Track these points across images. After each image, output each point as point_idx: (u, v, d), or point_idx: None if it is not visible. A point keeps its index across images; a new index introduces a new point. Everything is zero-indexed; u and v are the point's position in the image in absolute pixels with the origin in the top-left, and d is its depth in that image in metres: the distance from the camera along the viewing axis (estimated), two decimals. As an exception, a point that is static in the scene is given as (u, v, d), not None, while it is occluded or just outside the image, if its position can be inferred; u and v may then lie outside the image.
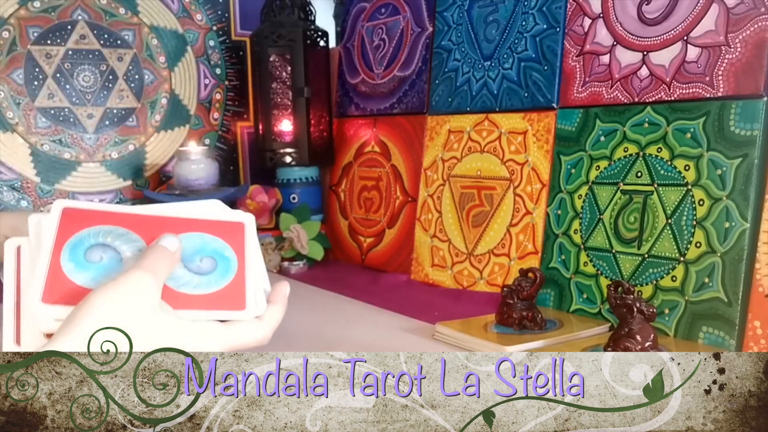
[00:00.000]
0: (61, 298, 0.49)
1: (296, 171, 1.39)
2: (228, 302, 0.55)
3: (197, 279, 0.54)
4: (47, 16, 1.29)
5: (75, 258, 0.51)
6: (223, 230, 0.57)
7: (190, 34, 1.43)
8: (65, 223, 0.52)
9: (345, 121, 1.42)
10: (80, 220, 0.53)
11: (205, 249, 0.56)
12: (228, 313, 0.55)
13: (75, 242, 0.51)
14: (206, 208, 0.59)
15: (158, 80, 1.40)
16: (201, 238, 0.56)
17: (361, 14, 1.39)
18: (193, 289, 0.54)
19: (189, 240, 0.56)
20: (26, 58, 1.28)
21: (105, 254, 0.52)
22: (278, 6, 1.36)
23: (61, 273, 0.50)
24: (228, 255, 0.57)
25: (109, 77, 1.35)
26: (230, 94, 1.49)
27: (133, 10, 1.37)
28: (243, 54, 1.50)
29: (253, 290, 0.56)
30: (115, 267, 0.52)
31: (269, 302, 0.58)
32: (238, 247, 0.57)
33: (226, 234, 0.57)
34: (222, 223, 0.58)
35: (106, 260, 0.52)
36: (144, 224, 0.55)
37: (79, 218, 0.53)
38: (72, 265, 0.50)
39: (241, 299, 0.55)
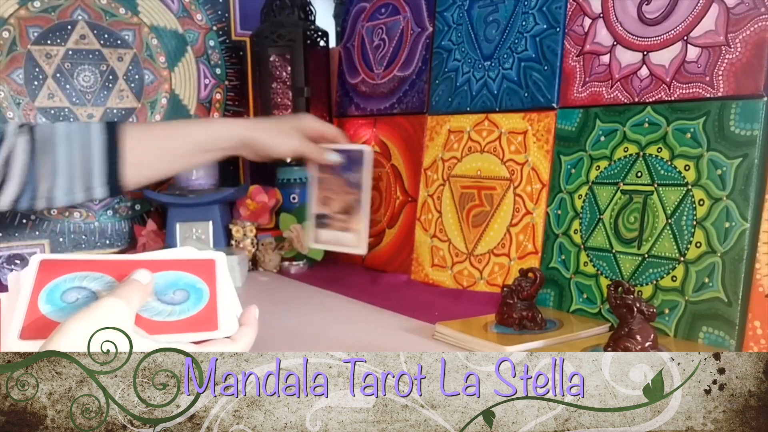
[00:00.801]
0: (38, 333, 0.51)
1: (296, 171, 1.39)
2: (201, 325, 0.57)
3: (170, 308, 0.57)
4: (47, 16, 1.29)
5: (51, 301, 0.53)
6: (195, 267, 0.61)
7: (190, 34, 1.43)
8: (42, 273, 0.54)
9: (345, 121, 1.42)
10: (56, 269, 0.55)
11: (178, 283, 0.59)
12: (201, 334, 0.57)
13: (52, 287, 0.54)
14: (179, 252, 0.62)
15: (158, 80, 1.40)
16: (174, 275, 0.59)
17: (361, 14, 1.39)
18: (167, 316, 0.56)
19: (163, 277, 0.59)
20: (26, 58, 1.28)
21: (80, 295, 0.54)
22: (278, 6, 1.36)
23: (38, 314, 0.52)
24: (200, 287, 0.60)
25: (109, 77, 1.35)
26: (230, 94, 1.49)
27: (133, 10, 1.37)
28: (243, 54, 1.50)
29: (225, 314, 0.59)
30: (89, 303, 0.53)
31: (240, 324, 0.60)
32: (209, 279, 0.60)
33: (198, 270, 0.61)
34: (194, 261, 0.61)
35: (81, 300, 0.54)
36: (118, 268, 0.57)
37: (56, 268, 0.55)
38: (49, 307, 0.53)
39: (213, 322, 0.58)
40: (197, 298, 0.59)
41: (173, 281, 0.59)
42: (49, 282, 0.54)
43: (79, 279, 0.56)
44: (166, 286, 0.58)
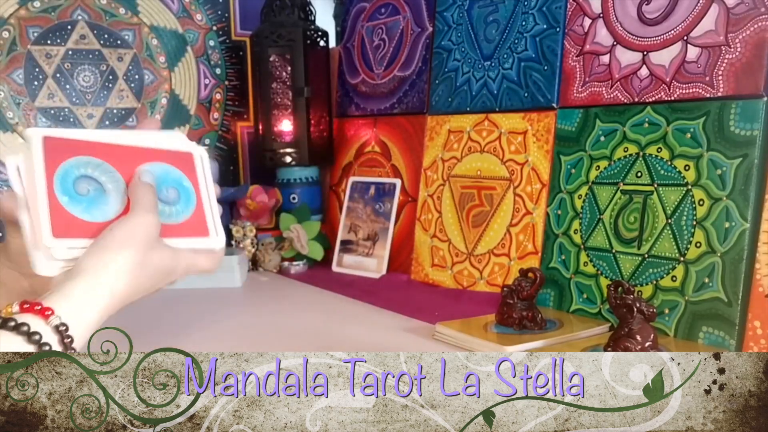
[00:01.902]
0: (68, 231, 0.54)
1: (296, 171, 1.39)
2: (194, 230, 0.61)
3: (168, 209, 0.60)
4: (47, 16, 1.29)
5: (66, 191, 0.55)
6: (177, 160, 0.63)
7: (190, 34, 1.43)
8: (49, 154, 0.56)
9: (345, 121, 1.42)
10: (61, 150, 0.57)
11: (168, 179, 0.61)
12: (195, 239, 0.60)
13: (62, 174, 0.56)
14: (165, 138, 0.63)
15: (158, 80, 1.40)
16: (162, 169, 0.61)
17: (361, 14, 1.39)
18: (166, 218, 0.59)
19: (152, 169, 0.61)
20: (26, 58, 1.28)
21: (90, 186, 0.56)
22: (278, 6, 1.36)
23: (60, 207, 0.54)
24: (186, 185, 0.62)
25: (109, 77, 1.35)
26: (230, 94, 1.49)
27: (133, 10, 1.37)
28: (243, 54, 1.50)
29: (211, 219, 0.62)
30: (102, 198, 0.57)
31: None
32: (192, 177, 0.63)
33: (181, 164, 0.63)
34: (175, 153, 0.63)
35: (92, 192, 0.56)
36: (115, 154, 0.59)
37: (60, 148, 0.57)
38: (66, 198, 0.55)
39: (204, 227, 0.61)
40: (186, 199, 0.61)
41: (163, 176, 0.61)
42: (59, 166, 0.56)
43: (84, 166, 0.57)
44: (159, 181, 0.60)
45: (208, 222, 0.62)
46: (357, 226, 1.29)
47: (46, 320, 0.47)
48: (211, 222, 0.62)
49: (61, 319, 0.47)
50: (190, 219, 0.61)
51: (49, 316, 0.47)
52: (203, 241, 0.61)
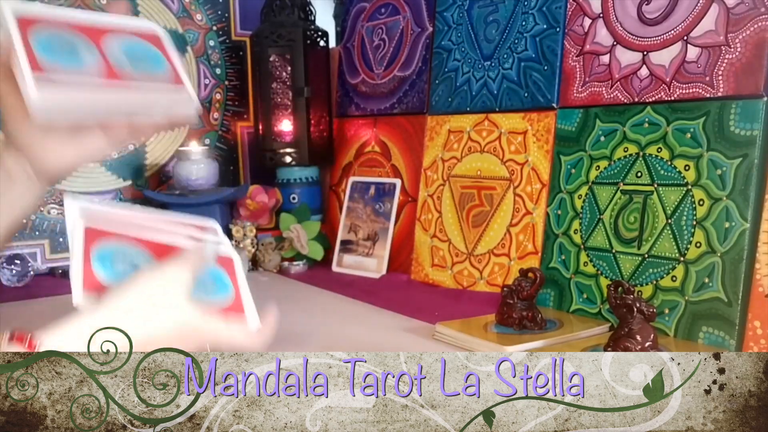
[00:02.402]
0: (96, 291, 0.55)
1: (296, 171, 1.39)
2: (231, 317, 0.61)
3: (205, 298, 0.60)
4: (47, 16, 1.29)
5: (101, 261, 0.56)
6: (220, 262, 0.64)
7: (190, 34, 1.43)
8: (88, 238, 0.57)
9: (345, 121, 1.42)
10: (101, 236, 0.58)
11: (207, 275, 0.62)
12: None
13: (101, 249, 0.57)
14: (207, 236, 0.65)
15: (158, 80, 1.40)
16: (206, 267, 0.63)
17: (361, 14, 1.39)
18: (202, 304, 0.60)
19: None
20: (26, 58, 1.28)
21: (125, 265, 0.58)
22: (278, 6, 1.36)
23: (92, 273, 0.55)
24: (225, 281, 0.63)
25: (109, 77, 1.35)
26: (230, 94, 1.49)
27: (133, 10, 1.37)
28: (243, 54, 1.50)
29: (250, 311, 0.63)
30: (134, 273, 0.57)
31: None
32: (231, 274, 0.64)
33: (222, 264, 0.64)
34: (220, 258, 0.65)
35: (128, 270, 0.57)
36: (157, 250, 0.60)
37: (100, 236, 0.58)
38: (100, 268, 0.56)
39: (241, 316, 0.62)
40: (225, 292, 0.62)
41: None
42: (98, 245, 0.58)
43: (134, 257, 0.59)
44: None
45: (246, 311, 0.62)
46: (357, 226, 1.29)
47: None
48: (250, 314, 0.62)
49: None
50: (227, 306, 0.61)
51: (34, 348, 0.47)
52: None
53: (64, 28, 0.59)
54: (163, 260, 0.59)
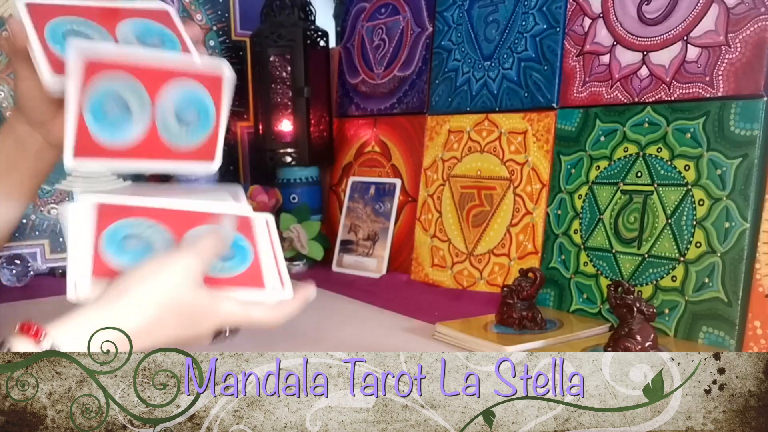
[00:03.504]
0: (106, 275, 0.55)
1: (296, 171, 1.39)
2: (248, 282, 0.60)
3: (221, 264, 0.60)
4: (47, 16, 1.29)
5: (111, 244, 0.56)
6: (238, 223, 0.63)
7: (190, 34, 1.43)
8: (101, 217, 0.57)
9: (345, 121, 1.42)
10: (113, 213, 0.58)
11: None
12: (250, 291, 0.60)
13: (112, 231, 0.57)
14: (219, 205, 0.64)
15: (158, 80, 1.40)
16: None
17: (361, 14, 1.39)
18: (218, 272, 0.59)
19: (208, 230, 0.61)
20: (26, 58, 1.28)
21: (138, 242, 0.57)
22: (278, 6, 1.36)
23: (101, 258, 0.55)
24: (243, 245, 0.62)
25: (109, 77, 1.35)
26: (230, 94, 1.49)
27: None
28: (243, 54, 1.50)
29: (270, 274, 0.62)
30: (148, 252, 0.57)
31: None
32: (250, 237, 0.63)
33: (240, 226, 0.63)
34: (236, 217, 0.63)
35: (139, 247, 0.57)
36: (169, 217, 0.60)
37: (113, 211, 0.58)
38: (111, 250, 0.56)
39: (259, 279, 0.61)
40: (242, 256, 0.61)
41: None
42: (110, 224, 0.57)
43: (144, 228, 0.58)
44: None
45: (264, 276, 0.61)
46: (357, 226, 1.29)
47: (37, 343, 0.47)
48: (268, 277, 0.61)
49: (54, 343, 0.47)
50: (244, 272, 0.60)
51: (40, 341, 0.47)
52: (257, 292, 0.60)
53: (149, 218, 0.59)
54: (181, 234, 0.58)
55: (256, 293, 0.60)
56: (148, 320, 0.51)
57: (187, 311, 0.53)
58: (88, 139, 0.56)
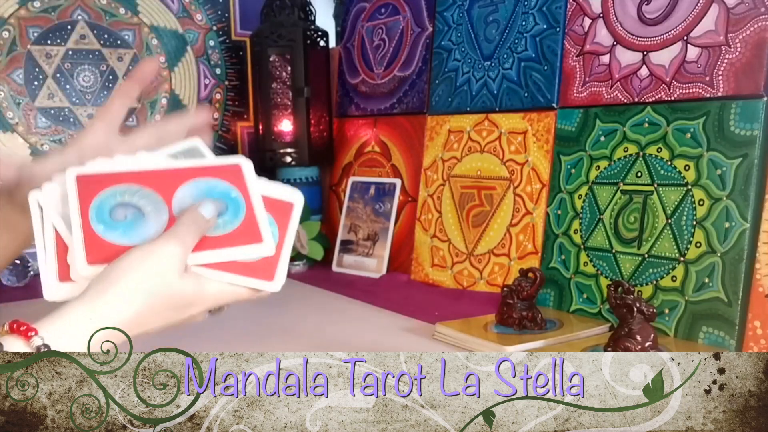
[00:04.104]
0: (103, 257, 0.53)
1: (296, 171, 1.39)
2: (245, 238, 0.58)
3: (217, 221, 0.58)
4: (47, 16, 1.29)
5: (102, 219, 0.55)
6: (224, 173, 0.61)
7: (190, 34, 1.43)
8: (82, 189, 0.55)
9: (345, 121, 1.42)
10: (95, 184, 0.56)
11: (213, 193, 0.59)
12: (248, 247, 0.58)
13: (98, 205, 0.55)
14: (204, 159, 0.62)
15: (158, 80, 1.40)
16: (207, 184, 0.59)
17: (361, 14, 1.39)
18: (213, 230, 0.57)
19: (196, 187, 0.59)
20: (26, 58, 1.28)
21: (127, 212, 0.55)
22: (278, 6, 1.36)
23: (94, 235, 0.54)
24: (234, 195, 0.60)
25: (109, 77, 1.35)
26: (230, 94, 1.49)
27: (133, 10, 1.37)
28: (243, 54, 1.50)
29: (264, 224, 0.60)
30: (140, 221, 0.56)
31: None
32: (241, 187, 0.60)
33: (228, 176, 0.61)
34: (221, 167, 0.61)
35: (130, 217, 0.55)
36: (154, 179, 0.58)
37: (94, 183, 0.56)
38: (102, 227, 0.54)
39: (256, 233, 0.58)
40: (235, 209, 0.59)
41: (207, 191, 0.59)
42: (93, 199, 0.55)
43: (121, 194, 0.56)
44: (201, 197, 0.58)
45: (260, 226, 0.59)
46: (357, 226, 1.29)
47: (28, 341, 0.46)
48: (264, 229, 0.59)
49: (44, 340, 0.46)
50: (239, 227, 0.58)
51: (31, 337, 0.46)
52: (256, 248, 0.58)
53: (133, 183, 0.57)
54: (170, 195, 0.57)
55: (255, 248, 0.58)
56: (138, 310, 0.51)
57: (176, 298, 0.53)
58: (99, 244, 0.54)
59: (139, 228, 0.55)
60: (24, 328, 0.47)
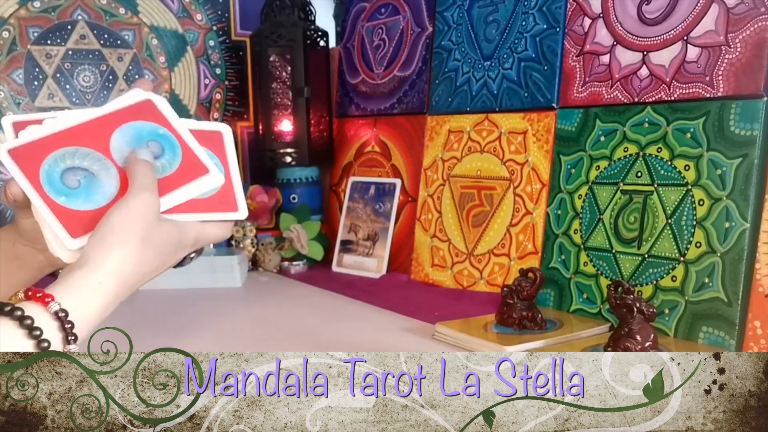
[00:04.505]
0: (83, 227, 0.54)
1: (296, 171, 1.39)
2: (192, 173, 0.59)
3: (158, 163, 0.58)
4: (47, 16, 1.29)
5: (59, 190, 0.55)
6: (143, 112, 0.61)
7: (190, 34, 1.43)
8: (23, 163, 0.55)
9: (345, 121, 1.42)
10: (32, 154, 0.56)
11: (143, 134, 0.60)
12: (198, 181, 0.59)
13: (46, 177, 0.55)
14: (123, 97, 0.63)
15: (158, 80, 1.40)
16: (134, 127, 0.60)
17: (361, 14, 1.39)
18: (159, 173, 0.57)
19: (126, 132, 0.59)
20: (26, 58, 1.28)
21: (78, 177, 0.56)
22: (278, 6, 1.36)
23: (62, 209, 0.54)
24: (162, 132, 0.60)
25: (109, 77, 1.35)
26: (230, 94, 1.49)
27: (133, 10, 1.37)
28: (243, 54, 1.50)
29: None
30: (94, 183, 0.56)
31: None
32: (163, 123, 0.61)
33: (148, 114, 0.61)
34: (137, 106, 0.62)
35: (83, 182, 0.56)
36: (84, 134, 0.58)
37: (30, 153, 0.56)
38: (63, 198, 0.55)
39: (201, 166, 0.60)
40: (171, 148, 0.60)
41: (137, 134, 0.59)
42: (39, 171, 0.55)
43: (64, 159, 0.56)
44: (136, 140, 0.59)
45: (201, 158, 0.60)
46: (357, 226, 1.29)
47: (46, 307, 0.47)
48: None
49: (61, 305, 0.47)
50: (182, 164, 0.59)
51: (48, 303, 0.47)
52: (206, 179, 0.59)
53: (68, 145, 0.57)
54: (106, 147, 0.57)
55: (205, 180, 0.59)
56: (137, 262, 0.53)
57: (165, 243, 0.55)
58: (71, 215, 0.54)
59: (97, 189, 0.56)
60: (40, 294, 0.47)
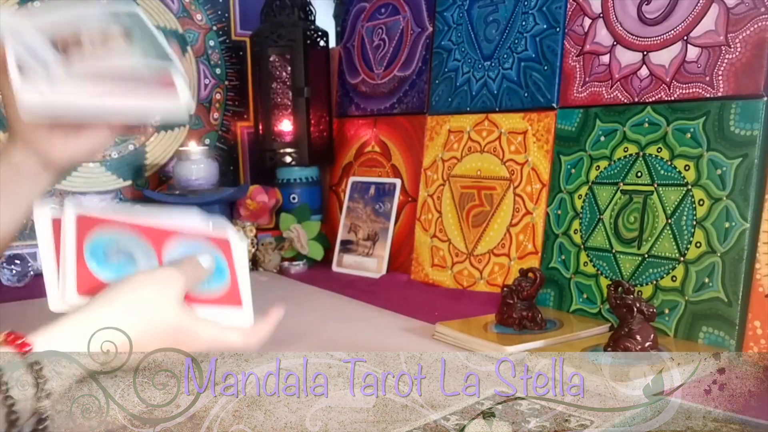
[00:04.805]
0: (88, 290, 0.54)
1: (296, 171, 1.39)
2: (226, 300, 0.60)
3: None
4: (47, 16, 1.29)
5: (96, 257, 0.56)
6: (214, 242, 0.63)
7: (190, 34, 1.43)
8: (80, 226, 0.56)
9: (345, 121, 1.42)
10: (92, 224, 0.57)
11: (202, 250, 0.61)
12: (228, 309, 0.60)
13: (92, 243, 0.56)
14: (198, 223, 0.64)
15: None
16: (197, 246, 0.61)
17: (361, 14, 1.39)
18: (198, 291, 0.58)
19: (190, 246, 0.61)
20: (26, 58, 1.28)
21: (121, 256, 0.57)
22: (278, 6, 1.36)
23: (86, 269, 0.55)
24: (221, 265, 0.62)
25: (109, 77, 1.35)
26: (230, 94, 1.49)
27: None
28: (243, 54, 1.50)
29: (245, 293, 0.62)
30: (130, 265, 0.57)
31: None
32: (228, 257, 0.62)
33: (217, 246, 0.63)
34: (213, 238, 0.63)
35: (122, 260, 0.57)
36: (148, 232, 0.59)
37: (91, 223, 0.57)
38: (94, 263, 0.55)
39: (237, 299, 0.61)
40: (220, 273, 0.61)
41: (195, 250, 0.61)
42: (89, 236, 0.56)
43: (119, 240, 0.58)
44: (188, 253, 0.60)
45: (242, 296, 0.61)
46: (357, 226, 1.29)
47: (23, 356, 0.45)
48: (245, 296, 0.62)
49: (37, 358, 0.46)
50: (223, 289, 0.61)
51: (26, 352, 0.46)
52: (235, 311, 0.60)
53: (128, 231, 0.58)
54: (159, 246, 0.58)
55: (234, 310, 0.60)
56: (134, 332, 0.50)
57: (170, 331, 0.52)
58: (90, 278, 0.55)
59: (129, 271, 0.56)
60: (20, 342, 0.46)
